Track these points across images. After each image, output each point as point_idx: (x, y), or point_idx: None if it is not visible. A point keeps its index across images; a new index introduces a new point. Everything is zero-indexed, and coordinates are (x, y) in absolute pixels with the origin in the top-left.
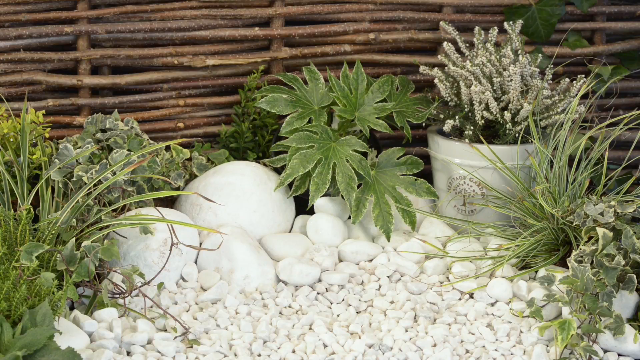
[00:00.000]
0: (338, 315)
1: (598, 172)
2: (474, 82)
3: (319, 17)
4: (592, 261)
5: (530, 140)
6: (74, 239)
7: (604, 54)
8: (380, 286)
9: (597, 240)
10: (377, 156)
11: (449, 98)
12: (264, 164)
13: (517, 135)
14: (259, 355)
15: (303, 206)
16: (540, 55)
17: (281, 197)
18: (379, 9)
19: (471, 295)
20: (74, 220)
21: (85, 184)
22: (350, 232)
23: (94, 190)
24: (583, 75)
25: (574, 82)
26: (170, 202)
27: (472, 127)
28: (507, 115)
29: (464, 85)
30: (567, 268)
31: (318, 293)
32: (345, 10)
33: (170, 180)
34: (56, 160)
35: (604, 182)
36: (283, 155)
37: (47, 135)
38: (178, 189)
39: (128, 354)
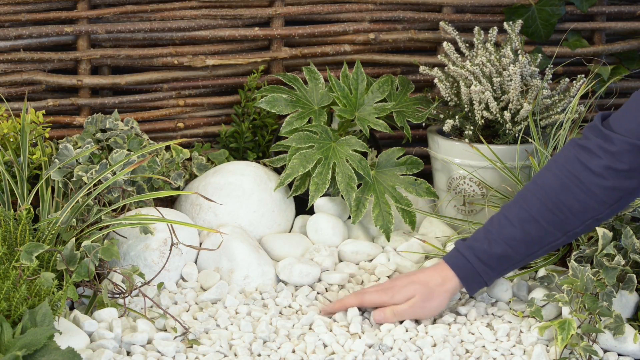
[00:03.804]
0: (338, 315)
1: None
2: (473, 82)
3: (319, 17)
4: (592, 261)
5: (530, 140)
6: (74, 239)
7: (604, 54)
8: None
9: (596, 240)
10: (377, 156)
11: (449, 98)
12: (264, 164)
13: (517, 135)
14: (259, 355)
15: (303, 206)
16: (540, 55)
17: (281, 197)
18: (379, 9)
19: (471, 295)
20: (74, 220)
21: (85, 184)
22: (350, 232)
23: (94, 190)
24: (583, 75)
25: (574, 82)
26: (170, 202)
27: (472, 127)
28: (507, 115)
29: (464, 85)
30: (567, 268)
31: (318, 293)
32: (345, 10)
33: (170, 180)
34: (56, 160)
35: None
36: (283, 155)
37: (47, 135)
38: (178, 189)
39: (128, 353)
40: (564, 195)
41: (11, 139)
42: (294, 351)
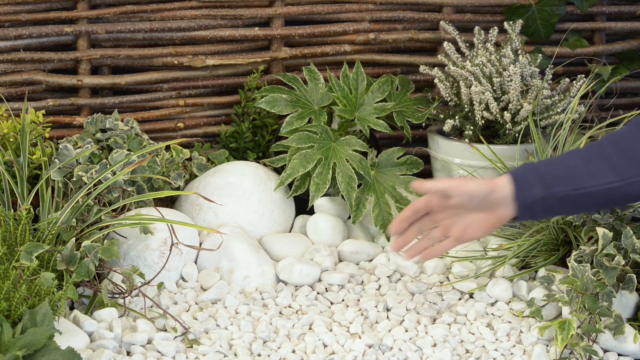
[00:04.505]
0: (338, 315)
1: None
2: (474, 82)
3: (319, 17)
4: (592, 261)
5: (530, 140)
6: (74, 239)
7: (604, 54)
8: (380, 286)
9: (597, 240)
10: (377, 156)
11: (449, 98)
12: (264, 164)
13: (517, 135)
14: (259, 355)
15: (303, 206)
16: (540, 55)
17: (281, 197)
18: (379, 9)
19: (471, 295)
20: (74, 220)
21: (85, 184)
22: (350, 232)
23: (94, 190)
24: (583, 75)
25: (574, 82)
26: (170, 202)
27: (472, 127)
28: (507, 115)
29: (464, 85)
30: (567, 268)
31: (318, 293)
32: (345, 10)
33: (170, 180)
34: (56, 160)
35: None
36: (283, 155)
37: (47, 135)
38: (178, 189)
39: (128, 353)
40: (631, 143)
41: (11, 139)
42: (294, 351)
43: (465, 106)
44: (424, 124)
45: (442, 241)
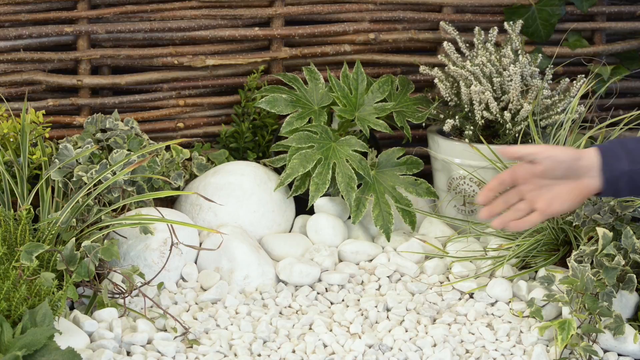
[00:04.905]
0: (338, 315)
1: None
2: (474, 82)
3: (319, 17)
4: (592, 261)
5: (530, 140)
6: (74, 239)
7: (604, 54)
8: (380, 286)
9: (597, 240)
10: (377, 156)
11: (449, 98)
12: (264, 164)
13: (517, 135)
14: (259, 355)
15: (303, 206)
16: (540, 55)
17: (281, 197)
18: (379, 9)
19: (471, 295)
20: (74, 220)
21: (85, 184)
22: (350, 232)
23: (94, 190)
24: (583, 75)
25: (574, 82)
26: (170, 202)
27: (472, 127)
28: (507, 115)
29: (464, 85)
30: (567, 268)
31: (318, 293)
32: (345, 10)
33: (170, 180)
34: (56, 160)
35: None
36: (283, 155)
37: (47, 135)
38: (178, 189)
39: (128, 354)
40: None
41: (11, 139)
42: (294, 351)
43: (465, 106)
44: (424, 124)
45: (528, 215)
